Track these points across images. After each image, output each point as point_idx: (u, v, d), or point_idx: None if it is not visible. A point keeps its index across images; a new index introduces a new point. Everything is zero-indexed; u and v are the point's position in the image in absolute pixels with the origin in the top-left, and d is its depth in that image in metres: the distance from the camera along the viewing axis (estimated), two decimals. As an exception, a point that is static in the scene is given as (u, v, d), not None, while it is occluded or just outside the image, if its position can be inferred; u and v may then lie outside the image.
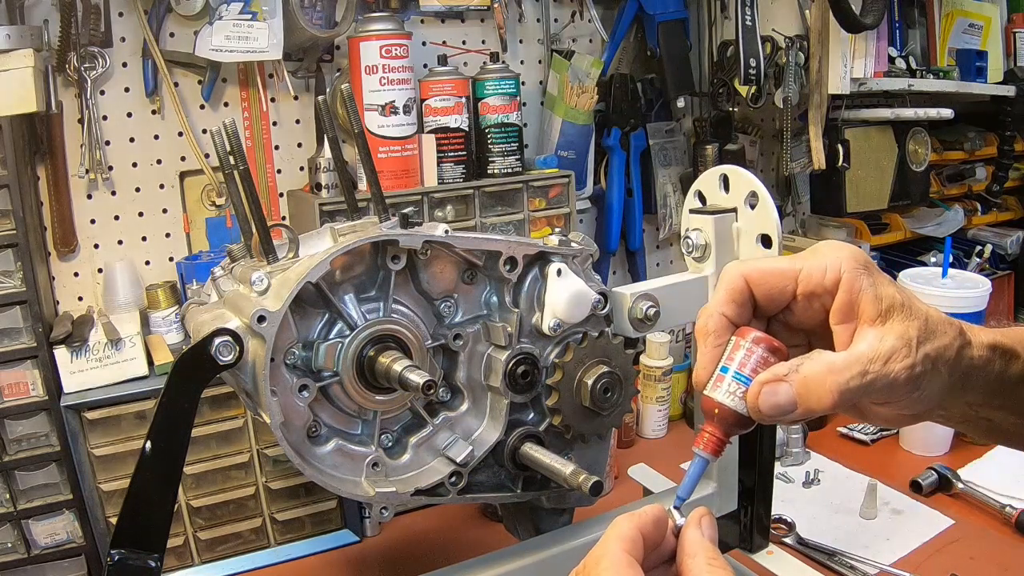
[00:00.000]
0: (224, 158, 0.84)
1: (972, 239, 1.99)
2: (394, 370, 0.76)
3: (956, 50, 1.84)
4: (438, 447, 0.86)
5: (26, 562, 1.15)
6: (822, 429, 1.55)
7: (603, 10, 1.59)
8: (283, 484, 1.23)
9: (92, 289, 1.29)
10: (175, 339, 1.25)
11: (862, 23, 1.50)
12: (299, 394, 0.78)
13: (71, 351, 1.12)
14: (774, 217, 0.86)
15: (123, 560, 0.70)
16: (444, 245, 0.82)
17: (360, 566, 1.23)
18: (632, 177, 1.66)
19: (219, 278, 0.95)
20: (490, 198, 1.41)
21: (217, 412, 1.18)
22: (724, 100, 1.66)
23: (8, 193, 1.09)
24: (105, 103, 1.25)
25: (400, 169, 1.32)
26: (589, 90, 1.53)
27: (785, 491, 1.34)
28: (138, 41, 1.25)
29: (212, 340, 0.72)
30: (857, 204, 1.77)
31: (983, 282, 1.41)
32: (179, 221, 1.34)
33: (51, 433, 1.13)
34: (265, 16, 1.24)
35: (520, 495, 0.90)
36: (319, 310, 0.80)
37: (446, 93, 1.36)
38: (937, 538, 1.18)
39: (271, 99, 1.37)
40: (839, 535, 1.20)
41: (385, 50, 1.27)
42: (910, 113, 1.71)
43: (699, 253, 0.90)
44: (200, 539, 1.20)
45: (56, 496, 1.15)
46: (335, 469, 0.82)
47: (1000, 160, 1.99)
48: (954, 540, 1.17)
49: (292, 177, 1.41)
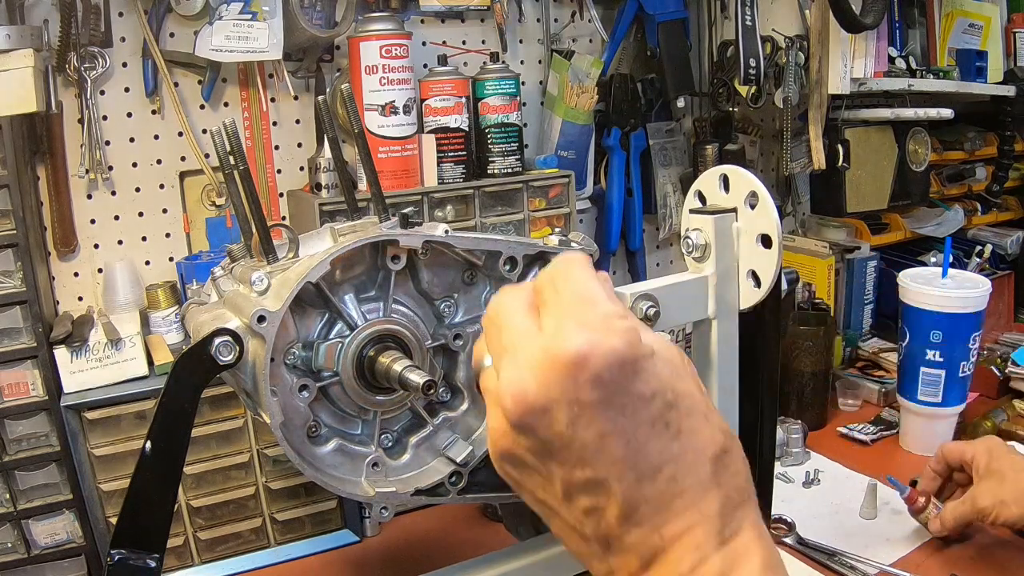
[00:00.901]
0: (224, 158, 0.84)
1: (972, 239, 1.99)
2: (394, 370, 0.76)
3: (956, 50, 1.84)
4: (438, 447, 0.86)
5: (26, 562, 1.15)
6: (822, 429, 1.55)
7: (603, 10, 1.59)
8: (283, 484, 1.23)
9: (92, 289, 1.29)
10: (175, 339, 1.25)
11: (862, 23, 1.50)
12: (299, 394, 0.78)
13: (71, 351, 1.12)
14: (774, 217, 0.85)
15: (123, 560, 0.70)
16: (444, 245, 0.82)
17: (360, 566, 1.23)
18: (632, 177, 1.66)
19: (219, 278, 0.95)
20: (490, 198, 1.41)
21: (217, 412, 1.18)
22: (724, 100, 1.66)
23: (8, 193, 1.09)
24: (105, 103, 1.25)
25: (400, 169, 1.32)
26: (589, 90, 1.53)
27: (785, 491, 1.34)
28: (138, 41, 1.25)
29: (212, 340, 0.72)
30: (857, 204, 1.76)
31: (983, 282, 1.41)
32: (179, 221, 1.34)
33: (51, 433, 1.13)
34: (265, 16, 1.24)
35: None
36: (319, 310, 0.80)
37: (446, 93, 1.36)
38: (937, 538, 1.18)
39: (271, 99, 1.37)
40: (839, 535, 1.20)
41: (385, 50, 1.27)
42: (910, 113, 1.71)
43: (699, 253, 0.90)
44: (200, 539, 1.20)
45: (56, 496, 1.15)
46: (335, 469, 0.82)
47: (1000, 160, 1.99)
48: (954, 540, 1.17)
49: (292, 177, 1.41)
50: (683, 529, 0.43)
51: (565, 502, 0.46)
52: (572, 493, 0.45)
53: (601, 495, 0.44)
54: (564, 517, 0.47)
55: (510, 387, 0.44)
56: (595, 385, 0.42)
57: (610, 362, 0.42)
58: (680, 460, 0.44)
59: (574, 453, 0.44)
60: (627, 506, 0.43)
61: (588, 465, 0.44)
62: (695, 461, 0.44)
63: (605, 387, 0.43)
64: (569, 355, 0.42)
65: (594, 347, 0.42)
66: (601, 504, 0.44)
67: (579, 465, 0.44)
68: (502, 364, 0.46)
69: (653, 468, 0.43)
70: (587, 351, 0.42)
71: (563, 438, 0.43)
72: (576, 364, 0.42)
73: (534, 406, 0.43)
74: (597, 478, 0.44)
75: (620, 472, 0.43)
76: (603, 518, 0.44)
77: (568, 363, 0.42)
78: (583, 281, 0.46)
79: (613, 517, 0.44)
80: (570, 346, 0.42)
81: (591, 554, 0.47)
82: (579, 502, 0.45)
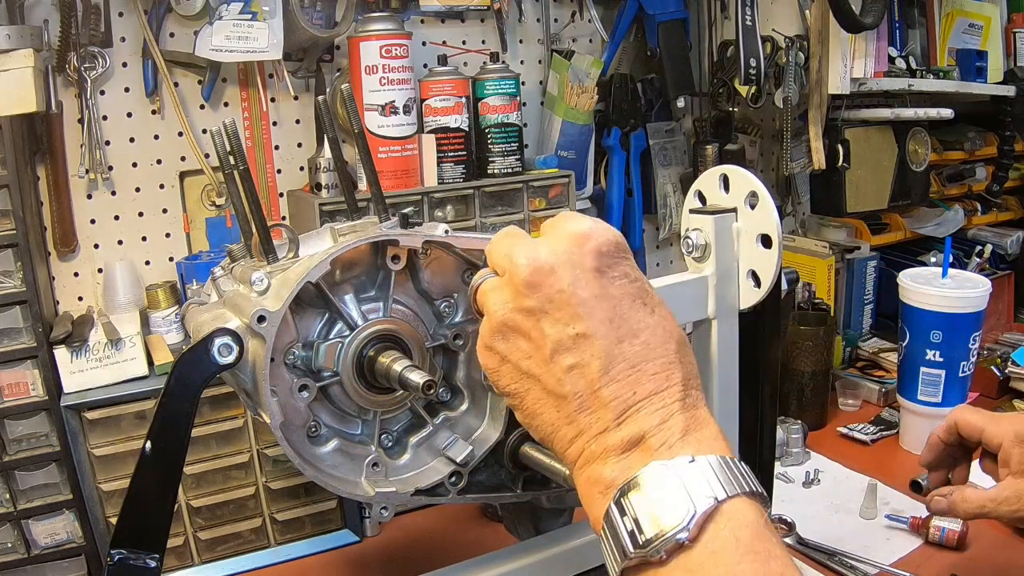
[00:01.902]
0: (224, 158, 0.84)
1: (972, 239, 1.99)
2: (394, 370, 0.76)
3: (956, 50, 1.84)
4: (438, 447, 0.86)
5: (26, 562, 1.15)
6: (822, 429, 1.55)
7: (603, 10, 1.59)
8: (283, 484, 1.23)
9: (92, 289, 1.29)
10: (175, 339, 1.25)
11: (862, 23, 1.50)
12: (299, 394, 0.78)
13: (71, 351, 1.12)
14: (774, 217, 0.86)
15: (123, 560, 0.70)
16: (444, 245, 0.82)
17: (360, 566, 1.23)
18: (632, 177, 1.66)
19: (219, 278, 0.95)
20: (490, 198, 1.41)
21: (217, 412, 1.18)
22: (724, 100, 1.67)
23: (8, 193, 1.09)
24: (105, 103, 1.25)
25: (400, 169, 1.32)
26: (589, 90, 1.53)
27: (785, 491, 1.34)
28: (138, 41, 1.25)
29: (212, 340, 0.72)
30: (857, 204, 1.76)
31: (983, 282, 1.41)
32: (179, 221, 1.34)
33: (51, 433, 1.13)
34: (265, 16, 1.24)
35: (520, 495, 0.89)
36: (319, 310, 0.80)
37: (446, 93, 1.36)
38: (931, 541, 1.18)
39: (271, 99, 1.37)
40: (839, 535, 1.20)
41: (385, 50, 1.28)
42: (910, 113, 1.71)
43: (699, 253, 0.90)
44: (200, 539, 1.20)
45: (56, 496, 1.15)
46: (335, 469, 0.82)
47: (1000, 160, 1.99)
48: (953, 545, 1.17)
49: (292, 177, 1.41)
50: (653, 390, 0.50)
51: (550, 362, 0.52)
52: (559, 350, 0.52)
53: (586, 350, 0.51)
54: (544, 381, 0.53)
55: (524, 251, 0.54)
56: (595, 255, 0.53)
57: (608, 239, 0.54)
58: (654, 331, 0.52)
59: (570, 310, 0.52)
60: (607, 360, 0.51)
61: (580, 320, 0.52)
62: (665, 337, 0.52)
63: (602, 258, 0.53)
64: (577, 229, 0.54)
65: (596, 227, 0.54)
66: (585, 360, 0.51)
67: (573, 320, 0.52)
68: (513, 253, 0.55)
69: (632, 332, 0.52)
70: (591, 229, 0.54)
71: (564, 294, 0.52)
72: (582, 236, 0.54)
73: (543, 266, 0.53)
74: (586, 332, 0.51)
75: (606, 330, 0.51)
76: (585, 372, 0.51)
77: (575, 235, 0.54)
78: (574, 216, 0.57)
79: (595, 370, 0.51)
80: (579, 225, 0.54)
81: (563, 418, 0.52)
82: (564, 359, 0.52)
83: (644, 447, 0.49)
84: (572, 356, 0.51)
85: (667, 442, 0.48)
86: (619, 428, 0.49)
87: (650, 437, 0.49)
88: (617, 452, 0.49)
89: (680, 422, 0.49)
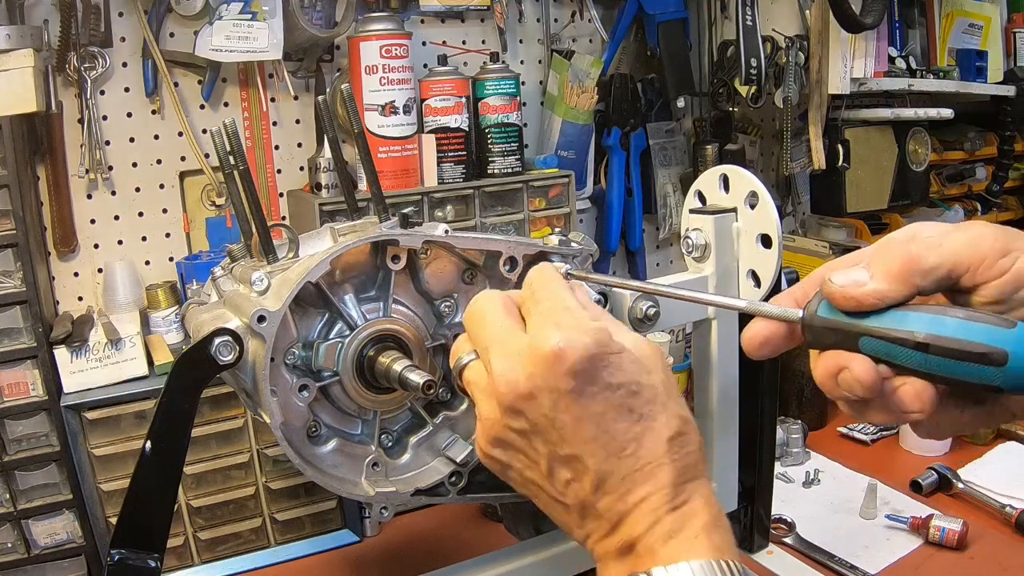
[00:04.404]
0: (224, 158, 0.84)
1: (972, 239, 1.99)
2: (394, 370, 0.76)
3: (956, 50, 1.84)
4: (438, 447, 0.86)
5: (26, 562, 1.15)
6: (822, 429, 1.55)
7: (603, 10, 1.59)
8: (283, 484, 1.23)
9: (92, 289, 1.29)
10: (175, 339, 1.25)
11: (862, 23, 1.50)
12: (299, 394, 0.78)
13: (71, 351, 1.12)
14: (774, 217, 0.86)
15: (123, 560, 0.70)
16: (444, 245, 0.82)
17: (360, 566, 1.23)
18: (632, 177, 1.66)
19: (219, 278, 0.95)
20: (490, 198, 1.41)
21: (217, 412, 1.18)
22: (724, 100, 1.66)
23: (8, 193, 1.09)
24: (105, 103, 1.25)
25: (400, 169, 1.32)
26: (589, 90, 1.53)
27: (785, 491, 1.34)
28: (138, 41, 1.25)
29: (212, 340, 0.72)
30: (857, 204, 1.77)
31: (983, 282, 1.41)
32: (179, 221, 1.34)
33: (51, 433, 1.13)
34: (265, 16, 1.24)
35: (520, 495, 0.89)
36: (319, 310, 0.80)
37: (446, 93, 1.36)
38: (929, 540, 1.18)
39: (271, 99, 1.37)
40: (839, 535, 1.20)
41: (385, 50, 1.27)
42: (910, 113, 1.71)
43: (699, 253, 0.90)
44: (200, 539, 1.20)
45: (56, 496, 1.15)
46: (335, 469, 0.82)
47: (1000, 160, 1.99)
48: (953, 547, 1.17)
49: (292, 177, 1.40)
50: (642, 496, 0.51)
51: (549, 476, 0.54)
52: (554, 468, 0.54)
53: (578, 468, 0.52)
54: (548, 491, 0.55)
55: (503, 375, 0.53)
56: (570, 376, 0.51)
57: (582, 356, 0.51)
58: (641, 440, 0.52)
59: (556, 433, 0.52)
60: (598, 478, 0.52)
61: (567, 443, 0.52)
62: (654, 441, 0.52)
63: (579, 376, 0.51)
64: (549, 350, 0.51)
65: (569, 343, 0.51)
66: (578, 476, 0.52)
67: (560, 443, 0.53)
68: (491, 356, 0.55)
69: (619, 447, 0.52)
70: (563, 347, 0.51)
71: (547, 419, 0.52)
72: (555, 357, 0.51)
73: (523, 392, 0.52)
74: (575, 454, 0.52)
75: (592, 449, 0.52)
76: (580, 488, 0.53)
77: (548, 357, 0.51)
78: (558, 291, 0.56)
79: (588, 487, 0.52)
80: (550, 343, 0.52)
81: (572, 521, 0.55)
82: (560, 475, 0.54)
83: (635, 554, 0.51)
84: (568, 471, 0.53)
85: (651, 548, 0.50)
86: (615, 534, 0.52)
87: (638, 544, 0.51)
88: (615, 557, 0.52)
89: (667, 524, 0.51)
